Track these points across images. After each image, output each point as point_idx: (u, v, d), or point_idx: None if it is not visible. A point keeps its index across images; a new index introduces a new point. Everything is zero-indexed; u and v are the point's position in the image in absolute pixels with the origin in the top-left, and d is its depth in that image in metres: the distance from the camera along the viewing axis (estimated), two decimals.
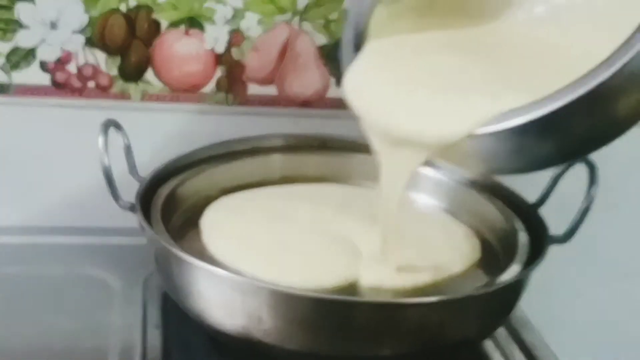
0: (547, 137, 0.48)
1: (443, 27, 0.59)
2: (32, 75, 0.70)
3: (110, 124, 0.59)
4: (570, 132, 0.48)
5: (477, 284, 0.58)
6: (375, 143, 0.56)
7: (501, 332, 0.66)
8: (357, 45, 0.58)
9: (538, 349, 0.65)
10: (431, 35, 0.59)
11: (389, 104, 0.54)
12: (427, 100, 0.53)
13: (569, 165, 0.62)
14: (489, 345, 0.65)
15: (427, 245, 0.63)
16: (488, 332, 0.60)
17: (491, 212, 0.65)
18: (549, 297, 0.85)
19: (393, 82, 0.55)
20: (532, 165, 0.52)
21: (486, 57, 0.57)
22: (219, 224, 0.63)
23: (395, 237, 0.57)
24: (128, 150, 0.61)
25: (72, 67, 0.70)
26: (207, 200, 0.66)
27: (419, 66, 0.56)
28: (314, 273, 0.56)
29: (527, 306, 0.66)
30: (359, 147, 0.72)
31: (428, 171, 0.70)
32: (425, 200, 0.70)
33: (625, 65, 0.44)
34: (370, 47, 0.57)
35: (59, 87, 0.71)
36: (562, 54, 0.53)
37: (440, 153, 0.53)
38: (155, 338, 0.61)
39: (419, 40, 0.59)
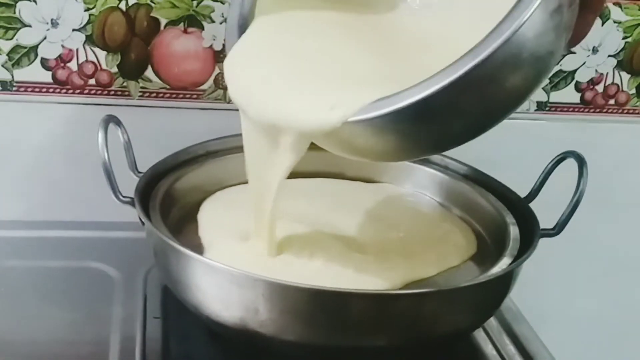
0: (419, 125, 0.47)
1: (330, 8, 0.57)
2: (33, 72, 0.71)
3: (110, 120, 0.59)
4: (440, 121, 0.47)
5: (468, 276, 0.59)
6: (247, 129, 0.55)
7: (493, 324, 0.66)
8: (242, 26, 0.55)
9: (529, 341, 0.66)
10: (317, 15, 0.57)
11: (262, 88, 0.52)
12: (300, 85, 0.51)
13: (560, 160, 0.63)
14: (481, 337, 0.65)
15: (425, 239, 0.63)
16: (478, 323, 0.60)
17: (483, 205, 0.66)
18: (540, 290, 0.86)
19: (271, 65, 0.53)
20: (401, 155, 0.53)
21: (374, 43, 0.55)
22: (215, 217, 0.63)
23: (266, 221, 0.56)
24: (127, 146, 0.62)
25: (73, 65, 0.71)
26: (205, 195, 0.67)
27: (302, 50, 0.54)
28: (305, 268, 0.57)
29: (519, 299, 0.67)
30: None
31: (422, 166, 0.71)
32: (419, 193, 0.71)
33: (490, 55, 0.43)
34: (255, 27, 0.55)
35: (60, 84, 0.72)
36: (444, 44, 0.52)
37: (312, 140, 0.51)
38: (155, 329, 0.62)
39: (304, 20, 0.56)
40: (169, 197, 0.63)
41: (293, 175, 0.53)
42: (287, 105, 0.51)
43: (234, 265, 0.51)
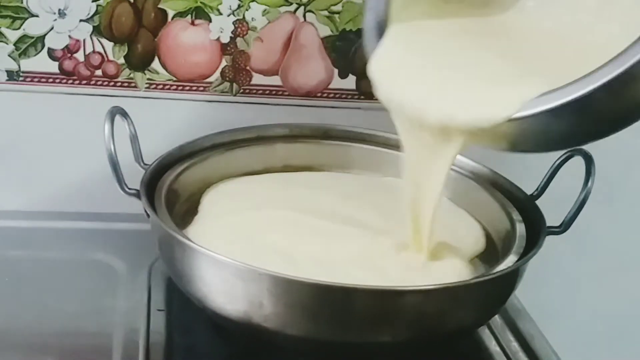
0: (579, 119, 0.48)
1: (456, 14, 0.59)
2: (40, 62, 0.70)
3: (117, 112, 0.59)
4: (601, 114, 0.49)
5: (474, 273, 0.59)
6: (405, 131, 0.56)
7: (497, 321, 0.66)
8: (380, 31, 0.57)
9: (533, 338, 0.66)
10: (447, 21, 0.59)
11: (420, 89, 0.54)
12: (458, 86, 0.53)
13: (567, 158, 0.63)
14: (485, 334, 0.65)
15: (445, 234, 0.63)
16: (483, 320, 0.60)
17: (489, 202, 0.66)
18: (545, 287, 0.86)
19: (421, 67, 0.55)
20: (555, 146, 0.54)
21: (502, 44, 0.57)
22: (214, 208, 0.64)
23: (428, 229, 0.57)
24: (134, 138, 0.62)
25: (79, 55, 0.71)
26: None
27: (443, 52, 0.57)
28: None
29: (523, 296, 0.67)
30: (361, 137, 0.73)
31: None
32: None
33: None
34: (393, 32, 0.57)
35: (67, 75, 0.72)
36: (574, 41, 0.54)
37: (471, 139, 0.52)
38: (159, 322, 0.62)
39: (437, 27, 0.59)
40: (174, 190, 0.63)
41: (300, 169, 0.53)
42: (452, 102, 0.52)
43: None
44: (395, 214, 0.64)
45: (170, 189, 0.62)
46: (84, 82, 0.72)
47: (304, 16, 0.73)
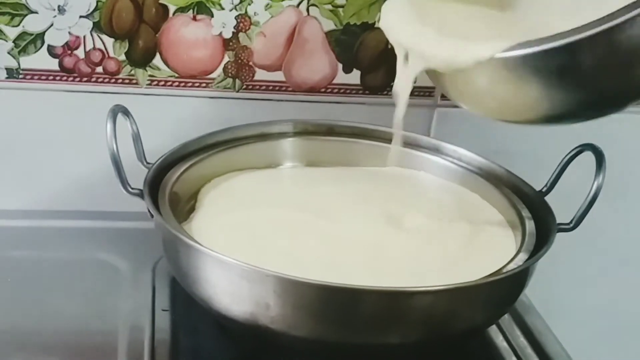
0: (563, 75, 0.50)
1: None
2: (40, 60, 0.70)
3: (119, 111, 0.59)
4: (586, 76, 0.50)
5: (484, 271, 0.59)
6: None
7: (505, 317, 0.66)
8: None
9: (541, 333, 0.66)
10: None
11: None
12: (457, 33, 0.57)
13: (577, 153, 0.63)
14: (492, 329, 0.65)
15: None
16: (493, 320, 0.60)
17: (499, 199, 0.65)
18: (553, 283, 0.86)
19: (428, 15, 0.59)
20: (531, 111, 0.55)
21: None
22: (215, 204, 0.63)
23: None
24: (136, 137, 0.61)
25: (80, 52, 0.70)
26: None
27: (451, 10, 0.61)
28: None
29: (531, 292, 0.66)
30: (366, 132, 0.72)
31: (436, 158, 0.70)
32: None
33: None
34: None
35: (67, 72, 0.71)
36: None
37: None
38: (164, 322, 0.61)
39: None
40: (178, 188, 0.62)
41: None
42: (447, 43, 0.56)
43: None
44: (401, 206, 0.64)
45: (173, 188, 0.61)
46: (85, 79, 0.71)
47: (307, 10, 0.72)
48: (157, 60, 0.72)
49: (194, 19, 0.71)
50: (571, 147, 0.63)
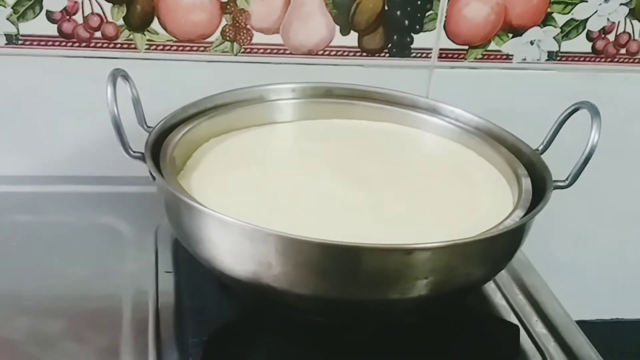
0: None
1: None
2: (38, 25, 0.70)
3: (118, 74, 0.58)
4: None
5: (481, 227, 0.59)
6: None
7: (502, 274, 0.67)
8: None
9: (539, 291, 0.66)
10: None
11: None
12: None
13: (573, 111, 0.63)
14: (490, 287, 0.66)
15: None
16: (490, 276, 0.60)
17: (495, 157, 0.65)
18: (550, 240, 0.86)
19: None
20: None
21: None
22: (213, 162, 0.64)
23: None
24: (136, 101, 0.61)
25: (78, 17, 0.70)
26: None
27: None
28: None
29: (528, 249, 0.67)
30: (364, 94, 0.72)
31: (434, 118, 0.70)
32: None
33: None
34: None
35: (66, 38, 0.71)
36: None
37: None
38: (167, 284, 0.62)
39: None
40: (178, 151, 0.62)
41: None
42: None
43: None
44: (400, 164, 0.65)
45: (174, 151, 0.61)
46: (84, 44, 0.71)
47: None
48: (155, 25, 0.72)
49: None
50: (565, 105, 0.63)
